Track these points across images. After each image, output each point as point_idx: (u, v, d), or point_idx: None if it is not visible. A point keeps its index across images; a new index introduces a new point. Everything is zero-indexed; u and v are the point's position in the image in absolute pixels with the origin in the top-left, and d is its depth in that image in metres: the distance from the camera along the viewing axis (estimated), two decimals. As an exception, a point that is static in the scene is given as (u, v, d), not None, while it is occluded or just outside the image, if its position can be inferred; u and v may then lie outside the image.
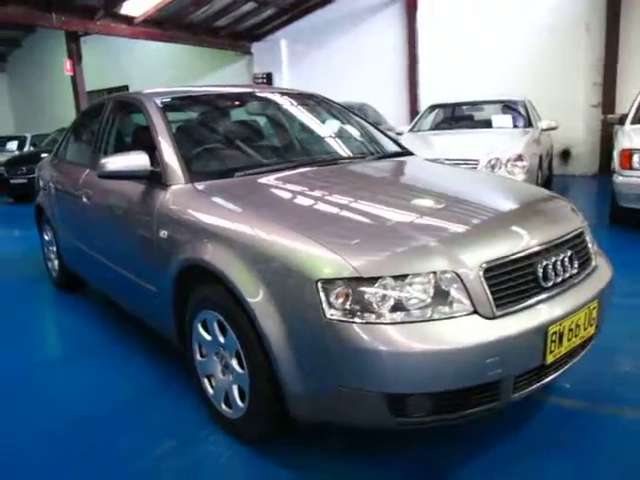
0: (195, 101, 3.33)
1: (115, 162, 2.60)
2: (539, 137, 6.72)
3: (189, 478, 2.06)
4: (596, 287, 2.11)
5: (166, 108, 2.93)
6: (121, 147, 3.38)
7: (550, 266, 1.95)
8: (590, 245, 2.29)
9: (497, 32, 10.58)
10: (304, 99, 3.69)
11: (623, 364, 2.76)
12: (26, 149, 12.17)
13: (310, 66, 13.16)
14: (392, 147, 3.45)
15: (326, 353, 1.76)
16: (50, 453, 2.27)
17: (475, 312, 1.77)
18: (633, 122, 5.96)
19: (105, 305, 3.94)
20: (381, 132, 3.63)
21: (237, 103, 3.52)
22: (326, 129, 3.52)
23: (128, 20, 10.15)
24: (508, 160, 5.74)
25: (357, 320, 1.71)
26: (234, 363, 2.12)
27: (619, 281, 2.41)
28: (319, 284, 1.75)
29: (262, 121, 3.61)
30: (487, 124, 7.22)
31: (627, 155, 5.29)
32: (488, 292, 1.79)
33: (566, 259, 2.03)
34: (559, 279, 1.98)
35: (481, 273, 1.79)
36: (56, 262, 4.39)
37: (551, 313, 1.88)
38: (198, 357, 2.38)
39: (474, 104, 8.04)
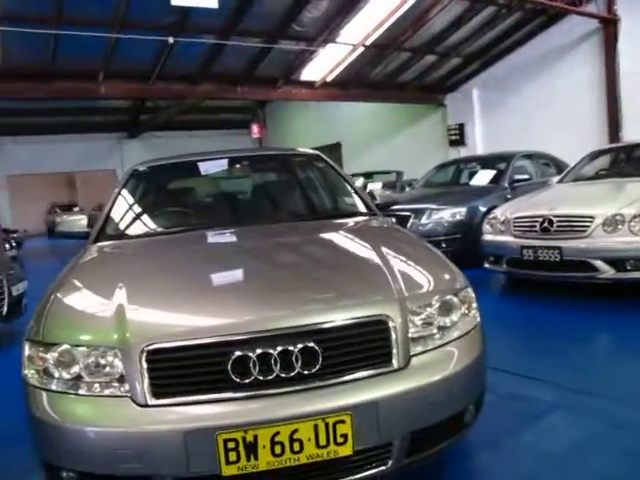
0: (165, 169, 3.38)
1: (63, 222, 2.99)
2: None
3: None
4: (357, 396, 1.59)
5: (135, 176, 3.20)
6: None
7: (254, 359, 1.58)
8: (395, 342, 1.69)
9: None
10: (277, 162, 3.63)
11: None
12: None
13: (502, 113, 12.43)
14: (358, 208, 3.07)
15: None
16: None
17: (129, 396, 1.59)
18: None
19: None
20: (359, 195, 3.14)
21: (203, 170, 3.39)
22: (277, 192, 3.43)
23: (308, 84, 11.07)
24: (634, 217, 4.59)
25: (32, 382, 1.70)
26: None
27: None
28: (26, 342, 1.78)
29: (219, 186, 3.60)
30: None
31: None
32: (145, 377, 1.59)
33: (295, 354, 1.59)
34: (271, 376, 1.58)
35: (143, 355, 1.59)
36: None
37: (229, 416, 1.53)
38: None
39: (647, 147, 6.58)
